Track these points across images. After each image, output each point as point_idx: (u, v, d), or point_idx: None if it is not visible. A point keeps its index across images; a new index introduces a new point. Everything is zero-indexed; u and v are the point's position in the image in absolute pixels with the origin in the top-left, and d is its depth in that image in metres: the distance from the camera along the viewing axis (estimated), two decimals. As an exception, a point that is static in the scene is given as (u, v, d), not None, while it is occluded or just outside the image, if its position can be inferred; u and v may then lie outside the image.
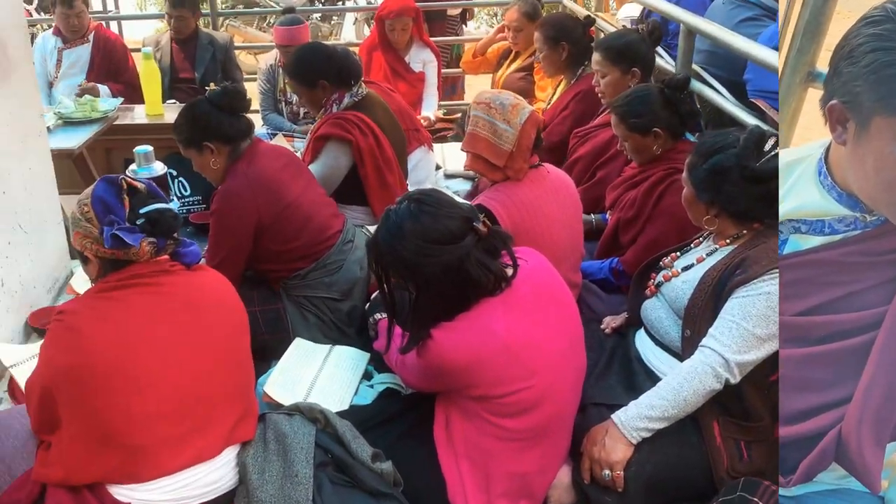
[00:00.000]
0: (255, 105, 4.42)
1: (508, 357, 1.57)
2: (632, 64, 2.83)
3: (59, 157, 2.90)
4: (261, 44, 7.18)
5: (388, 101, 3.32)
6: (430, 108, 4.38)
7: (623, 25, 4.09)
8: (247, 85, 4.56)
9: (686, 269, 1.95)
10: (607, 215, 2.73)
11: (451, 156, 3.83)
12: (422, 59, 4.36)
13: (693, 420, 1.75)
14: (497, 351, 1.57)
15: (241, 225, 2.25)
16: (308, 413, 1.72)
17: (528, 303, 1.65)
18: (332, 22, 8.94)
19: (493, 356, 1.57)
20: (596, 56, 2.91)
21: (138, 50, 4.03)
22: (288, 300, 2.36)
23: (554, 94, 3.73)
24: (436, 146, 3.83)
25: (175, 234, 1.64)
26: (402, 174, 3.01)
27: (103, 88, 4.08)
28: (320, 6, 7.64)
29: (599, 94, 2.98)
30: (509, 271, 1.66)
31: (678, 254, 2.06)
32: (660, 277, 2.02)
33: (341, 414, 1.81)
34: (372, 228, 2.76)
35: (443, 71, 4.64)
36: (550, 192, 2.21)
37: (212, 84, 3.43)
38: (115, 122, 3.51)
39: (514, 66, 4.31)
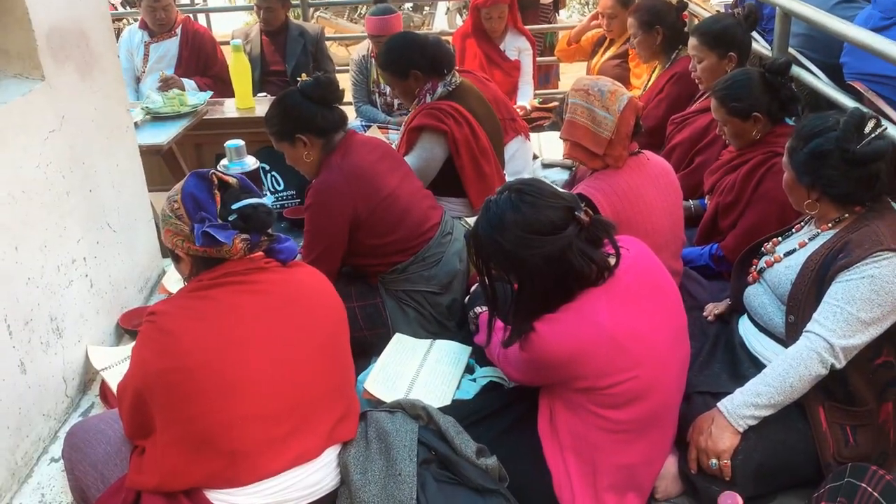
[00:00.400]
0: (348, 97, 4.71)
1: (614, 348, 1.70)
2: (728, 48, 2.96)
3: (148, 153, 3.06)
4: (352, 34, 7.50)
5: (482, 90, 3.52)
6: (526, 97, 4.57)
7: (717, 10, 4.18)
8: (339, 77, 4.83)
9: (788, 254, 2.08)
10: (706, 201, 2.87)
11: (548, 145, 3.99)
12: (517, 47, 4.56)
13: (798, 406, 1.89)
14: (602, 342, 1.70)
15: (336, 219, 2.42)
16: (410, 410, 1.79)
17: (632, 292, 1.77)
18: (424, 12, 9.23)
19: (598, 347, 1.70)
20: (692, 41, 3.04)
21: (227, 43, 4.28)
22: (386, 295, 2.55)
23: (649, 79, 3.87)
24: (532, 135, 4.00)
25: (269, 230, 1.69)
26: (500, 164, 3.20)
27: (188, 83, 4.40)
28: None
29: (696, 80, 3.12)
30: (612, 261, 1.77)
31: (780, 239, 2.20)
32: (762, 263, 2.16)
33: (444, 409, 1.89)
34: (471, 220, 2.96)
35: (537, 59, 4.83)
36: (651, 180, 2.36)
37: (303, 75, 3.64)
38: (204, 117, 3.77)
39: (609, 53, 4.47)
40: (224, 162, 3.32)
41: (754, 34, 3.48)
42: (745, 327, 2.18)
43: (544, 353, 1.72)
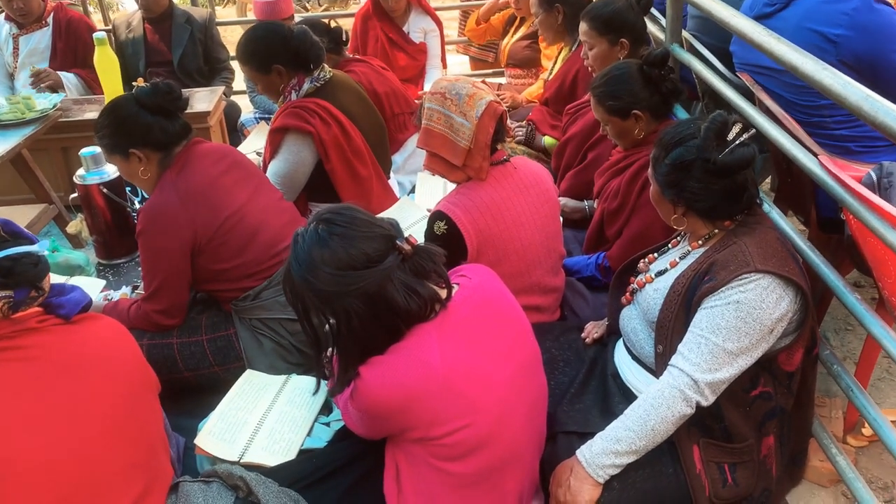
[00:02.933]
0: (242, 85, 4.44)
1: (446, 392, 1.53)
2: (619, 34, 2.76)
3: None
4: (245, 20, 7.06)
5: (375, 82, 3.29)
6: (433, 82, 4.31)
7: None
8: (235, 64, 4.55)
9: (660, 274, 1.91)
10: (598, 203, 2.68)
11: None
12: (422, 29, 4.33)
13: (670, 445, 1.73)
14: (433, 386, 1.52)
15: (173, 246, 2.18)
16: (227, 479, 1.63)
17: (468, 326, 1.60)
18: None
19: (428, 392, 1.52)
20: (582, 26, 2.83)
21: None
22: (240, 324, 2.33)
23: (555, 63, 3.66)
24: None
25: (39, 284, 1.50)
26: (382, 166, 2.96)
27: (68, 76, 4.07)
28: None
29: (589, 69, 2.91)
30: (444, 293, 1.60)
31: (655, 255, 2.02)
32: (636, 283, 1.98)
33: (284, 467, 1.77)
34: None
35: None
36: (518, 191, 2.16)
37: (146, 80, 3.35)
38: (74, 117, 3.49)
39: (520, 33, 4.29)
40: (80, 172, 3.05)
41: (657, 15, 3.29)
42: (619, 355, 2.00)
43: (371, 401, 1.54)
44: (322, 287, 1.51)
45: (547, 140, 3.39)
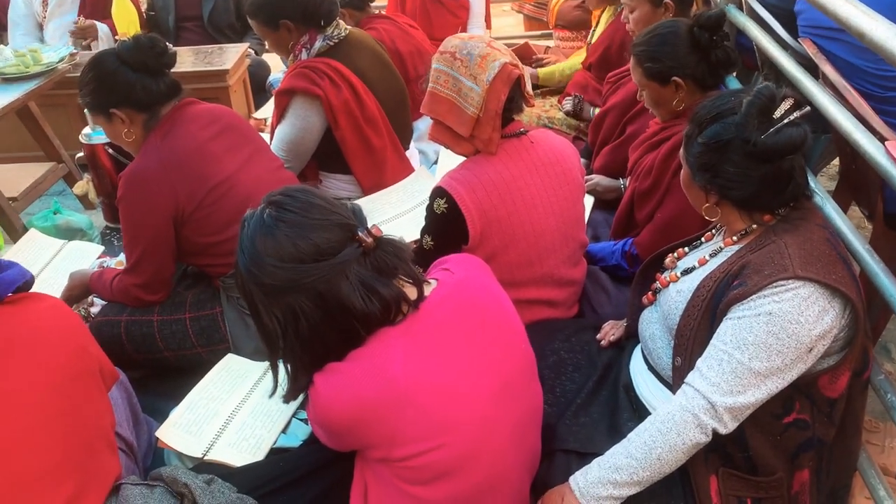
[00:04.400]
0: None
1: (408, 407, 1.32)
2: (664, -5, 2.45)
3: None
4: None
5: (398, 40, 3.06)
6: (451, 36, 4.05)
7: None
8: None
9: (686, 272, 1.64)
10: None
11: None
12: None
13: (682, 473, 1.48)
14: (391, 401, 1.31)
15: (153, 215, 2.03)
16: (171, 484, 1.48)
17: (443, 333, 1.38)
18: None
19: (387, 407, 1.31)
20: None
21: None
22: (227, 303, 2.16)
23: (597, 24, 3.38)
24: None
25: None
26: (400, 134, 2.73)
27: (102, 27, 3.94)
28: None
29: (630, 33, 2.62)
30: (412, 293, 1.38)
31: (686, 249, 1.75)
32: (660, 280, 1.72)
33: (249, 468, 1.62)
34: (360, 202, 2.53)
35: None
36: (533, 169, 1.91)
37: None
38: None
39: (570, -9, 3.95)
40: (86, 131, 2.92)
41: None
42: (635, 363, 1.75)
43: (324, 413, 1.35)
44: (266, 280, 1.31)
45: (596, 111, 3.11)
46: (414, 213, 2.56)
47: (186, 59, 3.51)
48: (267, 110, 3.56)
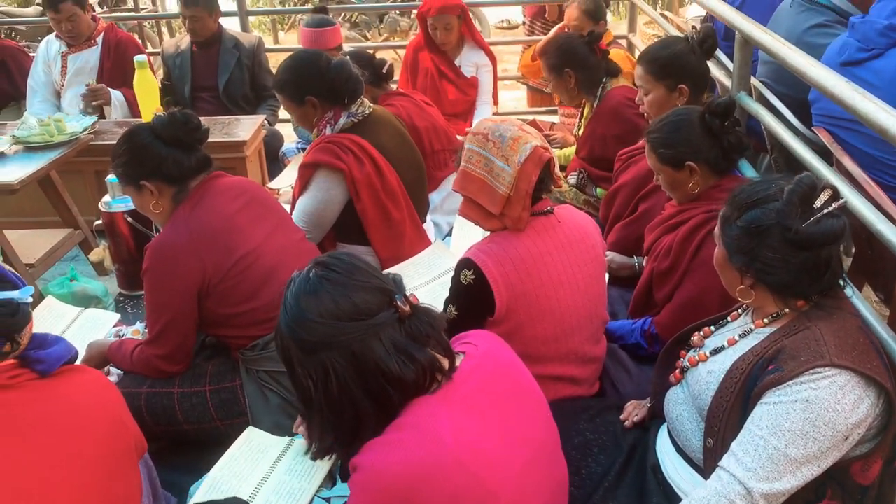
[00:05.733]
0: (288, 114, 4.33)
1: (461, 472, 1.30)
2: (679, 79, 2.54)
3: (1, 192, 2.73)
4: (291, 46, 7.02)
5: (415, 116, 3.14)
6: (483, 118, 4.14)
7: (693, 27, 3.77)
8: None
9: (716, 352, 1.66)
10: (649, 260, 2.44)
11: None
12: (474, 63, 4.20)
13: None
14: (448, 466, 1.29)
15: (179, 287, 2.04)
16: None
17: (478, 401, 1.38)
18: (412, 16, 8.79)
19: (443, 472, 1.29)
20: (638, 69, 2.62)
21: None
22: (247, 375, 2.15)
23: (580, 123, 3.50)
24: None
25: (17, 335, 1.37)
26: (418, 207, 2.78)
27: (116, 94, 4.01)
28: (397, 1, 7.42)
29: (645, 115, 2.69)
30: (445, 363, 1.40)
31: (712, 328, 1.77)
32: (686, 359, 1.74)
33: None
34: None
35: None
36: (561, 247, 1.94)
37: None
38: (109, 142, 3.37)
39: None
40: (106, 199, 2.95)
41: (722, 57, 3.06)
42: (662, 443, 1.75)
43: (375, 482, 1.29)
44: (304, 336, 1.34)
45: (599, 192, 3.18)
46: (432, 286, 2.58)
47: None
48: (281, 180, 3.61)
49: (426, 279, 2.60)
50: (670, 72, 2.55)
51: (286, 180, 3.63)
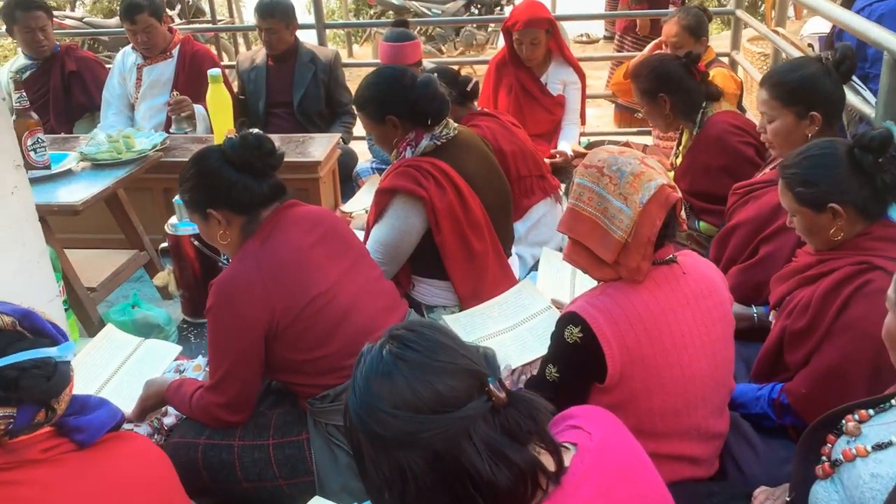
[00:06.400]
0: (362, 131, 4.14)
1: None
2: (810, 106, 2.21)
3: (62, 213, 2.57)
4: (370, 62, 6.83)
5: (501, 139, 2.89)
6: (569, 139, 3.90)
7: (809, 45, 3.42)
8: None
9: (879, 448, 1.34)
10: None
11: None
12: (562, 80, 3.92)
13: None
14: None
15: (246, 327, 1.83)
16: None
17: None
18: (489, 29, 8.59)
19: None
20: (761, 94, 2.30)
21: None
22: (315, 428, 1.92)
23: (678, 150, 3.18)
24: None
25: (54, 401, 1.20)
26: (502, 239, 2.51)
27: (199, 108, 3.88)
28: (475, 14, 7.23)
29: (767, 144, 2.38)
30: (549, 462, 1.11)
31: (870, 412, 1.45)
32: (838, 450, 1.42)
33: None
34: (450, 319, 2.31)
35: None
36: (686, 303, 1.65)
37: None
38: (179, 158, 3.21)
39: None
40: (173, 220, 2.78)
41: (856, 82, 2.71)
42: (809, 549, 1.43)
43: None
44: (376, 429, 1.07)
45: (702, 226, 2.86)
46: (517, 331, 2.31)
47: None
48: (354, 203, 3.41)
49: (512, 322, 2.33)
50: (801, 97, 2.22)
51: (360, 203, 3.41)
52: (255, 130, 2.01)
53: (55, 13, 8.03)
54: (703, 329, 1.67)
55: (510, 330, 2.31)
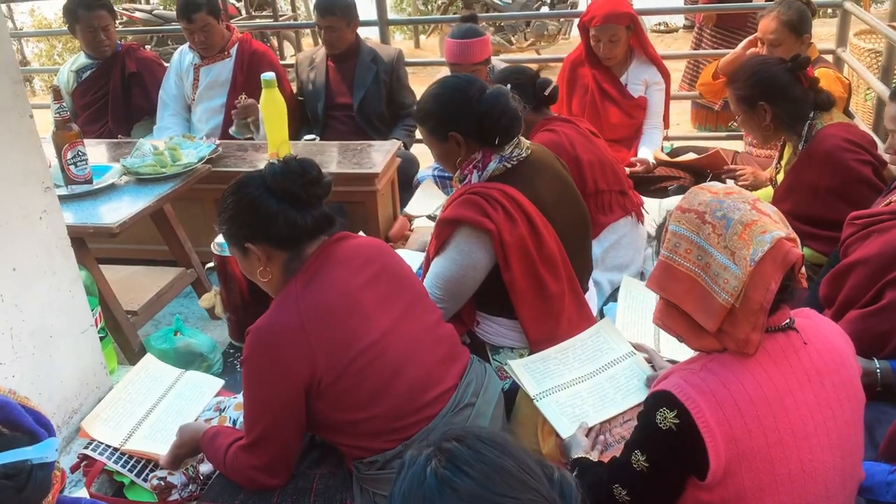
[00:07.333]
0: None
1: None
2: (960, 126, 1.85)
3: (98, 235, 2.41)
4: (435, 60, 6.52)
5: (579, 147, 2.59)
6: (651, 145, 3.58)
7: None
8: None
9: None
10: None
11: None
12: (643, 80, 3.61)
13: None
14: None
15: (285, 384, 1.60)
16: None
17: None
18: (561, 20, 8.23)
19: None
20: (892, 110, 1.95)
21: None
22: (361, 495, 1.69)
23: (779, 165, 2.82)
24: (652, 204, 3.04)
25: None
26: (578, 274, 2.22)
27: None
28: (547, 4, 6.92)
29: (893, 168, 2.02)
30: None
31: None
32: None
33: None
34: (516, 365, 2.04)
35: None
36: (807, 381, 1.35)
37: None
38: (231, 168, 3.04)
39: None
40: (219, 239, 2.59)
41: None
42: None
43: None
44: None
45: (807, 252, 2.50)
46: (595, 380, 2.03)
47: (332, 158, 3.17)
48: (415, 206, 3.18)
49: (590, 370, 2.05)
50: (944, 115, 1.87)
51: (421, 207, 3.18)
52: (300, 156, 1.77)
53: (125, 6, 8.08)
54: (828, 413, 1.36)
55: (587, 379, 2.03)
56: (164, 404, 2.19)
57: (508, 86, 2.17)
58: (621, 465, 1.43)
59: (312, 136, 3.50)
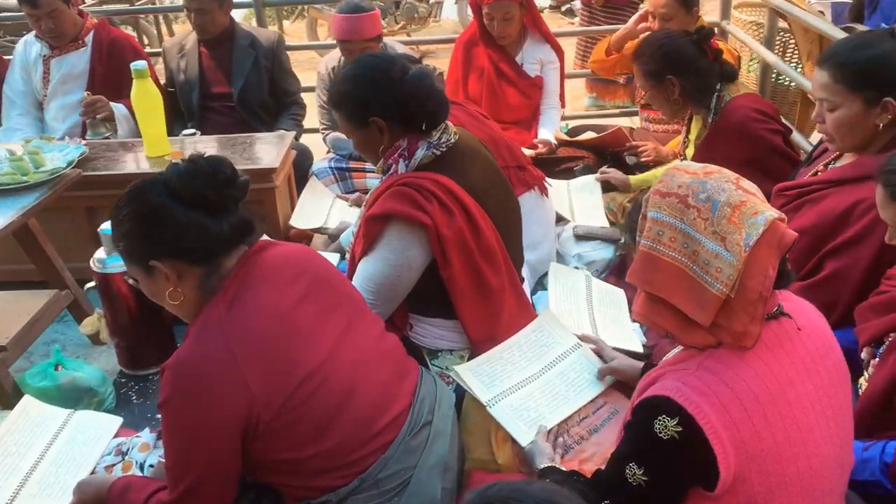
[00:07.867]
0: (314, 122, 3.64)
1: None
2: (883, 91, 1.84)
3: None
4: (321, 43, 6.19)
5: (471, 130, 2.42)
6: (551, 125, 3.51)
7: (819, 12, 3.07)
8: (307, 97, 3.76)
9: None
10: (854, 335, 1.76)
11: (582, 201, 2.97)
12: (538, 59, 3.53)
13: None
14: None
15: (215, 429, 1.37)
16: None
17: None
18: (431, 1, 8.05)
19: None
20: (821, 76, 1.92)
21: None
22: (317, 540, 1.48)
23: (687, 139, 2.84)
24: (558, 185, 2.98)
25: None
26: (518, 267, 2.09)
27: (118, 108, 3.30)
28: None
29: (826, 139, 2.02)
30: None
31: None
32: None
33: None
34: (461, 369, 1.87)
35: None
36: (804, 370, 1.26)
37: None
38: (103, 172, 2.70)
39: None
40: (99, 255, 2.27)
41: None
42: None
43: None
44: None
45: None
46: (545, 378, 1.91)
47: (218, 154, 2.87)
48: (304, 217, 2.91)
49: (538, 368, 1.92)
50: (872, 81, 1.85)
51: (309, 217, 2.92)
52: (208, 153, 1.52)
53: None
54: (825, 401, 1.28)
55: (537, 377, 1.90)
56: (53, 453, 1.88)
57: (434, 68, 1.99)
58: (613, 480, 1.30)
59: (192, 131, 3.17)
